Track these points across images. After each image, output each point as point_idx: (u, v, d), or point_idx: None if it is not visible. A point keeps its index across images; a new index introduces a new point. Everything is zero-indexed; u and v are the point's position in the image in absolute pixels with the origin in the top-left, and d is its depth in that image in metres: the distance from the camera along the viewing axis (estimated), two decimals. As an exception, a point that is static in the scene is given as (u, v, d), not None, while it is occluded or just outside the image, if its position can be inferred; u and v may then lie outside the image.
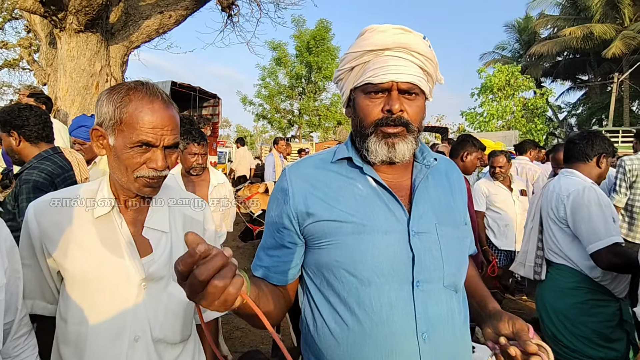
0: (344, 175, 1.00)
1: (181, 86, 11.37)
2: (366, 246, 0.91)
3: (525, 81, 21.29)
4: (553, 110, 26.64)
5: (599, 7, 20.98)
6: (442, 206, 1.02)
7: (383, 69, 0.92)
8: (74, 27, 4.20)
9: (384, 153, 0.94)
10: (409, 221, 0.94)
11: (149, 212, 1.14)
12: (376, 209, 0.95)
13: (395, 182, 1.01)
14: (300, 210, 0.97)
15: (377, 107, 0.94)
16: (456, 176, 1.13)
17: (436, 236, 0.96)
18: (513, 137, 15.08)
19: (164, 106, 1.04)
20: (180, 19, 5.12)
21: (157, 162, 1.04)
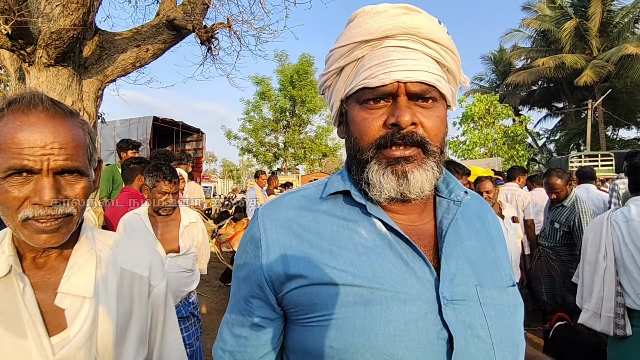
0: (340, 217, 0.71)
1: (163, 121, 11.31)
2: (376, 323, 0.61)
3: (504, 109, 21.84)
4: (532, 137, 27.37)
5: (568, 39, 22.03)
6: (480, 259, 0.71)
7: (383, 65, 0.64)
8: (43, 61, 4.03)
9: (391, 187, 0.65)
10: (437, 283, 0.64)
11: (65, 271, 0.84)
12: (389, 265, 0.65)
13: (413, 225, 0.72)
14: (277, 272, 0.68)
15: (377, 120, 0.66)
16: (491, 218, 0.83)
17: (479, 305, 0.65)
18: (496, 163, 15.23)
19: (46, 117, 0.75)
20: (158, 52, 5.02)
21: (41, 194, 0.73)
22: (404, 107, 0.64)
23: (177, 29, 4.92)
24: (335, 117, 0.78)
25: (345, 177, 0.74)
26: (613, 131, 25.17)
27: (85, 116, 4.42)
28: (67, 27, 3.73)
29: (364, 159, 0.68)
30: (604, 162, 14.54)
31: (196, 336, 2.29)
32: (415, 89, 0.64)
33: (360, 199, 0.70)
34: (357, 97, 0.69)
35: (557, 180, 3.44)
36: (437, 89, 0.66)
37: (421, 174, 0.66)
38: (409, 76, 0.63)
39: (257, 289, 0.71)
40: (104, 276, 0.88)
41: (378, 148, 0.66)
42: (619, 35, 21.87)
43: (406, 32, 0.66)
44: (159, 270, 0.99)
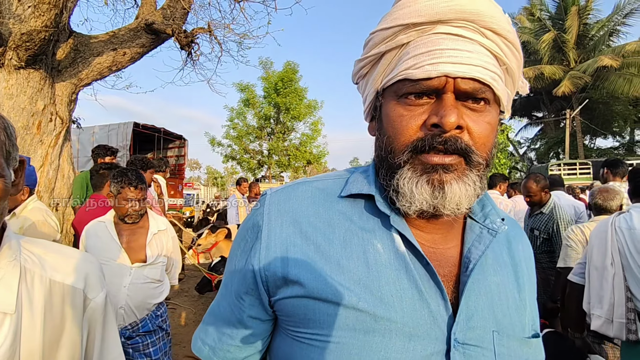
0: (357, 224, 0.62)
1: (144, 127, 11.10)
2: (373, 356, 0.54)
3: (486, 118, 22.22)
4: (514, 146, 27.89)
5: (547, 51, 22.63)
6: (503, 300, 0.61)
7: (431, 54, 0.54)
8: (13, 63, 3.89)
9: (425, 198, 0.56)
10: (451, 322, 0.57)
11: None
12: (400, 292, 0.57)
13: (435, 248, 0.62)
14: (275, 272, 0.60)
15: (417, 119, 0.56)
16: (522, 248, 0.71)
17: (493, 354, 0.57)
18: (479, 171, 15.46)
19: None
20: (136, 56, 4.91)
21: None
22: (451, 106, 0.54)
23: (156, 33, 4.82)
24: (368, 111, 0.68)
25: (371, 179, 0.65)
26: (590, 140, 25.86)
27: (58, 120, 4.27)
28: (39, 28, 3.61)
29: (396, 163, 0.58)
30: (582, 170, 14.89)
31: (164, 351, 2.17)
32: (467, 86, 0.55)
33: (385, 209, 0.61)
34: (395, 89, 0.59)
35: (533, 185, 3.49)
36: (492, 90, 0.56)
37: (460, 188, 0.56)
38: (461, 70, 0.53)
39: (252, 285, 0.63)
40: (29, 289, 0.78)
41: (414, 152, 0.56)
42: (594, 48, 22.58)
43: (464, 17, 0.54)
44: (96, 281, 0.90)
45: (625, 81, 20.11)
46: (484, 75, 0.54)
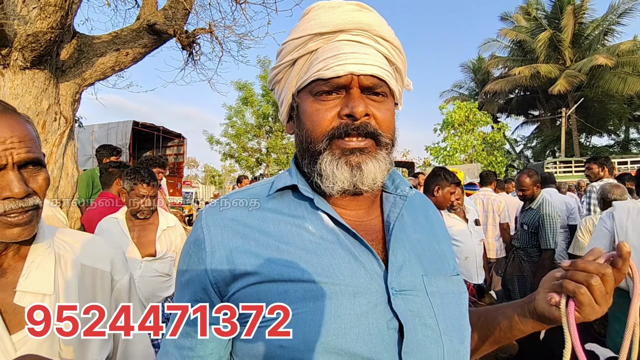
0: (287, 214, 0.70)
1: (144, 126, 11.14)
2: (326, 318, 0.60)
3: (482, 117, 22.35)
4: (510, 144, 28.07)
5: (543, 49, 22.79)
6: (426, 251, 0.73)
7: (338, 57, 0.65)
8: (19, 63, 3.96)
9: (345, 178, 0.65)
10: (386, 275, 0.65)
11: (24, 270, 0.83)
12: (337, 259, 0.64)
13: (360, 221, 0.72)
14: (223, 272, 0.65)
15: (331, 111, 0.66)
16: (433, 214, 0.85)
17: (425, 294, 0.66)
18: (476, 169, 15.57)
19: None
20: (138, 57, 4.98)
21: (10, 187, 0.74)
22: (358, 98, 0.65)
23: (158, 33, 4.90)
24: (285, 112, 0.77)
25: (293, 173, 0.73)
26: (586, 138, 26.09)
27: (62, 120, 4.35)
28: (45, 29, 3.68)
29: (317, 150, 0.67)
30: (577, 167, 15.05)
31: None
32: (368, 82, 0.66)
33: (308, 193, 0.69)
34: (310, 89, 0.69)
35: (526, 179, 3.62)
36: (387, 85, 0.68)
37: (374, 165, 0.66)
38: (362, 69, 0.65)
39: (201, 293, 0.67)
40: (64, 273, 0.88)
41: (332, 139, 0.66)
42: (590, 47, 22.77)
43: (360, 27, 0.67)
44: (121, 264, 0.98)
45: (620, 80, 20.31)
46: (380, 73, 0.66)
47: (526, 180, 3.61)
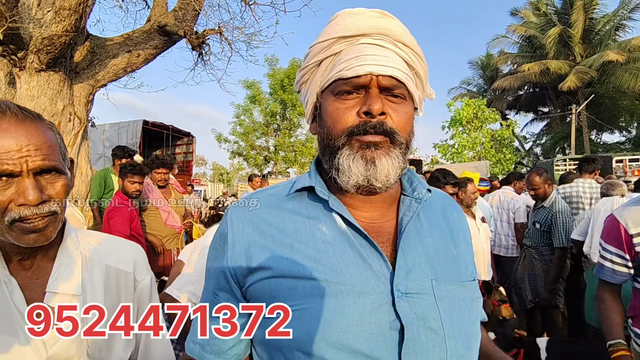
0: (303, 214, 0.75)
1: (153, 125, 11.26)
2: (331, 315, 0.65)
3: (491, 114, 22.19)
4: (519, 141, 27.81)
5: (553, 45, 22.52)
6: (440, 255, 0.75)
7: (359, 58, 0.69)
8: (34, 66, 4.06)
9: (360, 172, 0.68)
10: (392, 277, 0.68)
11: (52, 271, 0.87)
12: (346, 260, 0.69)
13: (375, 223, 0.75)
14: (240, 265, 0.72)
15: (351, 110, 0.70)
16: (457, 216, 0.86)
17: (433, 298, 0.69)
18: (484, 166, 15.49)
19: (16, 122, 0.78)
20: (150, 57, 5.06)
21: (25, 194, 0.76)
22: (376, 97, 0.69)
23: (169, 34, 4.97)
24: (310, 112, 0.81)
25: (313, 175, 0.78)
26: (597, 135, 25.75)
27: (76, 120, 4.44)
28: (59, 33, 3.76)
29: (337, 146, 0.71)
30: (587, 165, 14.86)
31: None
32: (386, 82, 0.69)
33: (324, 195, 0.74)
34: (332, 88, 0.73)
35: (536, 178, 3.62)
36: (406, 87, 0.71)
37: (388, 162, 0.69)
38: (381, 70, 0.69)
39: (223, 282, 0.75)
40: (90, 274, 0.92)
41: (350, 135, 0.70)
42: (600, 42, 22.44)
43: (381, 32, 0.71)
44: (143, 265, 1.03)
45: (632, 76, 20.01)
46: (399, 74, 0.70)
47: (536, 179, 3.61)
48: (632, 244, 1.59)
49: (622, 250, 1.63)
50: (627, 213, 1.64)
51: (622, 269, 1.64)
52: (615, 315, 1.64)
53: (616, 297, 1.70)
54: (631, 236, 1.60)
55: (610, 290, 1.71)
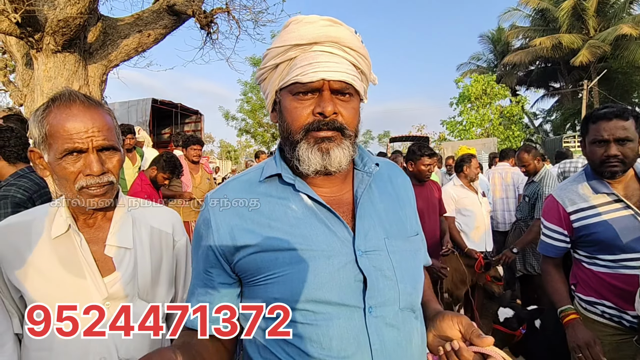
0: (275, 196, 0.87)
1: (162, 103, 11.37)
2: (307, 275, 0.79)
3: (501, 90, 21.89)
4: (529, 117, 27.45)
5: (566, 19, 21.91)
6: (390, 217, 0.91)
7: (312, 65, 0.80)
8: (51, 47, 4.20)
9: (317, 161, 0.82)
10: (354, 240, 0.83)
11: (110, 229, 1.08)
12: (315, 230, 0.83)
13: (335, 196, 0.90)
14: (227, 245, 0.84)
15: (307, 109, 0.83)
16: (401, 181, 1.02)
17: (386, 253, 0.85)
18: (492, 144, 15.44)
19: (84, 108, 0.98)
20: (160, 37, 5.16)
21: (91, 167, 0.97)
22: (328, 100, 0.81)
23: (177, 14, 5.05)
24: (270, 105, 0.92)
25: (278, 161, 0.90)
26: (608, 111, 25.25)
27: (92, 100, 4.61)
28: (74, 14, 3.88)
29: (296, 140, 0.84)
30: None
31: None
32: (337, 86, 0.82)
33: (290, 180, 0.87)
34: (289, 89, 0.84)
35: (525, 155, 3.75)
36: (353, 87, 0.84)
37: (339, 152, 0.82)
38: (332, 76, 0.80)
39: (213, 260, 0.86)
40: (139, 232, 1.12)
41: (307, 131, 0.82)
42: (615, 16, 21.79)
43: (331, 40, 0.82)
44: (179, 228, 1.23)
45: (646, 50, 19.50)
46: (347, 78, 0.82)
47: (524, 155, 3.74)
48: (570, 220, 1.76)
49: (561, 227, 1.80)
50: (564, 193, 1.80)
51: (562, 244, 1.82)
52: (561, 285, 1.84)
53: (559, 269, 1.90)
54: (569, 214, 1.76)
55: (553, 263, 1.90)
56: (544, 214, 1.89)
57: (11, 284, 1.01)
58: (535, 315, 2.21)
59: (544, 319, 2.18)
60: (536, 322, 2.20)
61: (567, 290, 1.82)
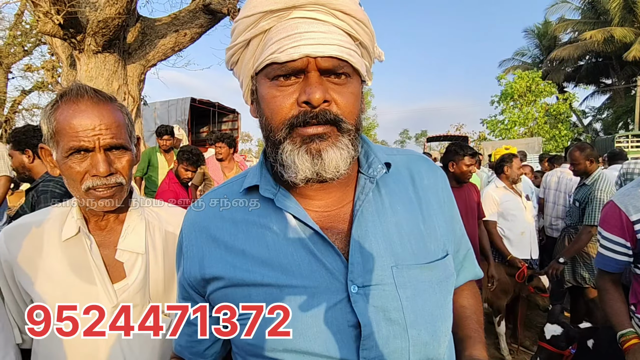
0: (255, 214, 0.70)
1: (200, 102, 11.62)
2: None
3: (547, 87, 20.83)
4: (577, 116, 25.95)
5: (618, 11, 20.50)
6: (403, 236, 0.68)
7: (292, 38, 0.59)
8: (92, 48, 4.33)
9: (307, 167, 0.61)
10: (347, 271, 0.63)
11: (122, 233, 1.01)
12: (297, 260, 0.64)
13: (330, 211, 0.69)
14: (195, 275, 0.71)
15: (289, 98, 0.61)
16: (429, 182, 0.77)
17: (394, 287, 0.64)
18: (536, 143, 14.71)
19: (92, 104, 0.91)
20: (196, 36, 5.23)
21: (97, 167, 0.90)
22: (315, 83, 0.60)
23: (213, 12, 5.09)
24: (247, 95, 0.72)
25: (259, 167, 0.73)
26: (667, 109, 23.44)
27: (130, 99, 4.72)
28: (113, 15, 3.98)
29: (277, 140, 0.63)
30: (652, 142, 13.68)
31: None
32: (327, 64, 0.60)
33: (269, 193, 0.68)
34: (266, 72, 0.63)
35: (576, 152, 3.43)
36: (350, 64, 0.62)
37: (335, 153, 0.61)
38: (319, 50, 0.59)
39: (184, 292, 0.76)
40: (153, 236, 1.05)
41: (291, 127, 0.62)
42: (675, 6, 20.11)
43: (315, 2, 0.60)
44: None
45: None
46: (340, 53, 0.60)
47: (576, 153, 3.42)
48: (634, 230, 1.55)
49: (623, 238, 1.59)
50: (628, 199, 1.59)
51: (623, 258, 1.60)
52: (621, 305, 1.62)
53: (618, 286, 1.68)
54: (633, 222, 1.55)
55: (611, 279, 1.68)
56: (602, 222, 1.68)
57: (22, 287, 0.97)
58: (588, 335, 1.98)
59: (597, 339, 1.96)
60: (588, 341, 1.98)
61: (627, 311, 1.61)
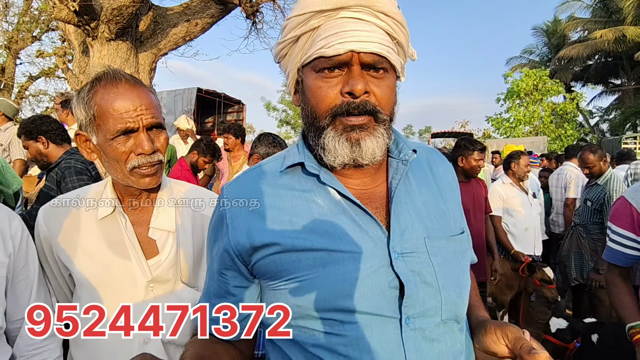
0: (298, 189, 0.76)
1: (207, 92, 11.64)
2: (333, 281, 0.69)
3: (554, 86, 20.66)
4: (584, 116, 25.75)
5: (631, 9, 20.24)
6: (431, 213, 0.78)
7: (339, 35, 0.67)
8: (105, 35, 4.37)
9: (345, 153, 0.70)
10: (389, 240, 0.72)
11: (154, 212, 1.06)
12: (343, 229, 0.71)
13: (366, 190, 0.78)
14: (243, 244, 0.74)
15: (333, 88, 0.70)
16: (442, 170, 0.88)
17: (427, 255, 0.73)
18: (541, 142, 14.66)
19: (130, 87, 0.97)
20: (207, 26, 5.24)
21: (142, 145, 0.96)
22: (358, 76, 0.68)
23: (224, 3, 5.10)
24: (292, 85, 0.80)
25: (301, 148, 0.79)
26: (676, 111, 23.22)
27: (141, 87, 4.78)
28: (127, 3, 4.01)
29: (321, 126, 0.72)
30: (660, 144, 13.61)
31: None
32: (368, 59, 0.68)
33: (314, 170, 0.75)
34: (313, 65, 0.72)
35: (590, 155, 3.45)
36: (388, 60, 0.70)
37: (372, 141, 0.70)
38: (362, 47, 0.67)
39: (229, 261, 0.77)
40: (182, 216, 1.11)
41: (334, 116, 0.70)
42: (691, 5, 19.83)
43: (361, 4, 0.68)
44: None
45: None
46: (380, 50, 0.68)
47: (590, 156, 3.45)
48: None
49: (633, 233, 1.63)
50: (639, 195, 1.63)
51: (633, 252, 1.64)
52: (629, 298, 1.66)
53: (627, 279, 1.73)
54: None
55: (620, 273, 1.73)
56: (613, 217, 1.72)
57: (61, 262, 1.03)
58: (593, 329, 2.02)
59: (602, 334, 2.00)
60: (593, 336, 2.02)
61: (636, 304, 1.65)
